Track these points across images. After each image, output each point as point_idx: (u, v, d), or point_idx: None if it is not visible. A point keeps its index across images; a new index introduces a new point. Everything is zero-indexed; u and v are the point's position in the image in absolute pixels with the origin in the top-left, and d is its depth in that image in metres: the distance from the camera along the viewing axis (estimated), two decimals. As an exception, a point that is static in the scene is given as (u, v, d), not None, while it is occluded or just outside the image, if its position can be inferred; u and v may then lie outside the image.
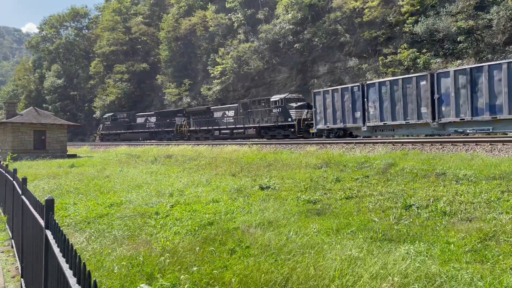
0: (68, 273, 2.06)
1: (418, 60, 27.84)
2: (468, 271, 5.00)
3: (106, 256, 6.10)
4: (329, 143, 20.86)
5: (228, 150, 22.84)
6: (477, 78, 18.26)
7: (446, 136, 19.44)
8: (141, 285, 4.96)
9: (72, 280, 1.95)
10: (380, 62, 30.51)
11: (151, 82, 56.94)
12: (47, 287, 3.17)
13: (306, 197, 9.48)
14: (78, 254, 1.96)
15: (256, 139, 30.03)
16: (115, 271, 5.44)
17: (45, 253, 3.22)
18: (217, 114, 36.76)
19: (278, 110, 29.78)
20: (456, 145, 15.73)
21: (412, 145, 17.17)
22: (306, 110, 28.20)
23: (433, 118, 19.95)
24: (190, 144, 28.97)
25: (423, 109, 20.32)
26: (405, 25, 29.49)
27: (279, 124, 29.72)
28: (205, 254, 5.95)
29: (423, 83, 20.36)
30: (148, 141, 41.64)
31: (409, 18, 29.38)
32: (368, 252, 5.64)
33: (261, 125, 31.46)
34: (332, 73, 35.58)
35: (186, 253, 5.98)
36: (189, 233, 7.21)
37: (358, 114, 23.41)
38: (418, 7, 29.16)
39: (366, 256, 5.46)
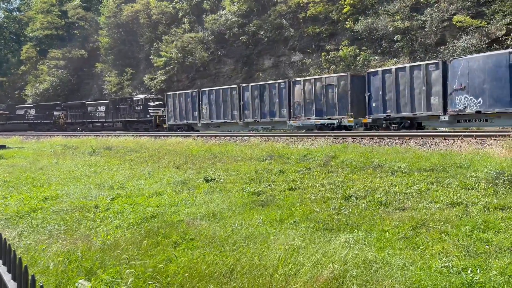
0: (2, 269, 1.93)
1: (359, 57, 28.98)
2: (401, 256, 5.34)
3: (40, 252, 5.78)
4: (273, 136, 21.21)
5: (172, 142, 22.42)
6: (263, 92, 25.88)
7: (382, 131, 20.57)
8: (80, 281, 4.76)
9: (6, 277, 1.83)
10: (323, 58, 31.39)
11: (90, 70, 54.17)
12: (-25, 287, 2.95)
13: (250, 189, 9.58)
14: (13, 249, 1.84)
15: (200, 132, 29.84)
16: (51, 268, 5.18)
17: (-27, 250, 2.99)
18: (91, 109, 41.20)
19: (140, 108, 35.21)
20: (392, 139, 16.63)
21: (352, 138, 17.91)
22: (162, 109, 34.02)
23: (240, 119, 27.21)
24: (132, 136, 28.07)
25: (235, 112, 27.53)
26: (347, 22, 30.53)
27: (140, 119, 35.18)
28: (148, 248, 5.83)
29: (234, 93, 27.57)
30: (27, 132, 44.27)
31: (350, 16, 30.46)
32: (310, 241, 5.83)
33: (126, 119, 36.60)
34: (277, 67, 36.04)
35: (128, 247, 5.82)
36: (131, 226, 7.02)
37: (196, 113, 30.24)
38: (359, 6, 30.30)
39: (308, 245, 5.64)
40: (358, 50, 29.23)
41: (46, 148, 22.95)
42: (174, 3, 45.45)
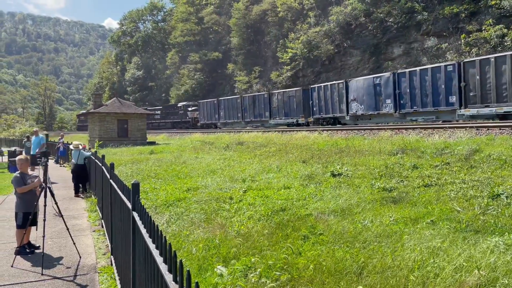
0: (155, 252, 2.19)
1: (506, 38, 25.34)
2: None
3: (184, 238, 6.42)
4: (405, 129, 19.89)
5: (298, 136, 22.72)
6: (255, 100, 35.41)
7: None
8: (218, 267, 5.16)
9: (159, 259, 2.07)
10: (463, 40, 28.27)
11: (223, 71, 58.22)
12: (135, 265, 3.42)
13: (381, 184, 9.16)
14: (164, 235, 2.08)
15: (329, 126, 29.81)
16: (193, 253, 5.71)
17: (133, 233, 3.46)
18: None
19: (182, 112, 48.21)
20: (553, 129, 14.16)
21: (500, 129, 15.76)
22: (196, 112, 45.43)
23: (243, 119, 36.73)
24: (261, 131, 29.31)
25: (239, 114, 37.09)
26: (492, -2, 26.93)
27: (182, 120, 47.83)
28: (278, 239, 6.02)
29: (238, 101, 37.24)
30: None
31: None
32: (450, 243, 5.32)
33: (174, 120, 49.76)
34: (408, 54, 33.71)
35: (259, 238, 6.09)
36: (262, 218, 7.32)
37: (216, 116, 40.92)
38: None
39: (449, 247, 5.15)
40: (506, 29, 25.56)
41: (187, 144, 25.41)
42: (299, -2, 45.86)
